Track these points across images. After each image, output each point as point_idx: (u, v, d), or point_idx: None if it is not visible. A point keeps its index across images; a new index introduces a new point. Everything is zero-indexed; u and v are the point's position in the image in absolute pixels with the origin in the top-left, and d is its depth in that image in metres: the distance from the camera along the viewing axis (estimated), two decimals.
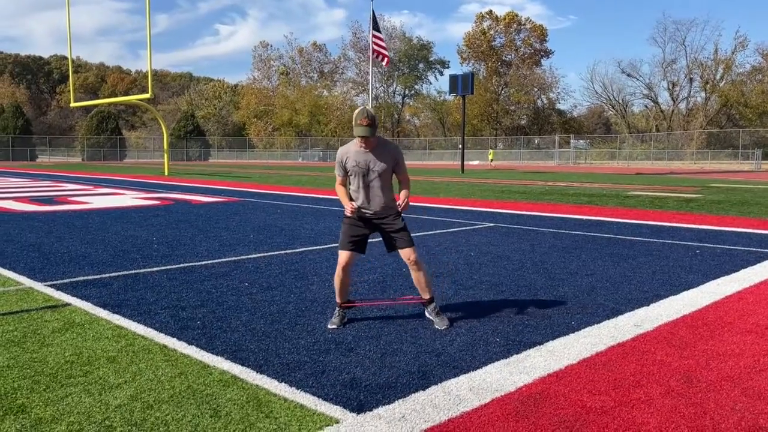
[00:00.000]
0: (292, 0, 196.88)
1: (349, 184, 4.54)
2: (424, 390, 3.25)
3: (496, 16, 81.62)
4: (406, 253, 4.43)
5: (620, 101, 79.86)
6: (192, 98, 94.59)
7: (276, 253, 7.41)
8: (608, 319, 4.62)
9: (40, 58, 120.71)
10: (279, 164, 60.48)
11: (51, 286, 5.57)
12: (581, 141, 69.69)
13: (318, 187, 20.38)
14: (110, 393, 3.17)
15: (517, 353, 3.84)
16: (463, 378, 3.42)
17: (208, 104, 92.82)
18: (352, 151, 4.40)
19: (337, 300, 4.53)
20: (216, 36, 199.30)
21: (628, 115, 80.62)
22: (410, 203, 4.36)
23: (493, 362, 3.68)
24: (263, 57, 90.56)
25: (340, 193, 4.54)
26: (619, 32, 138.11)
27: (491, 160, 54.93)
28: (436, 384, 3.33)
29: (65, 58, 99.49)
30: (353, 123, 4.24)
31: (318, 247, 7.88)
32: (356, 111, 4.28)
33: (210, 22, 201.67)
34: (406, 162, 5.57)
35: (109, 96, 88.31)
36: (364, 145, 4.31)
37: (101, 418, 2.88)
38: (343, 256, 4.43)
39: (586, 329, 4.36)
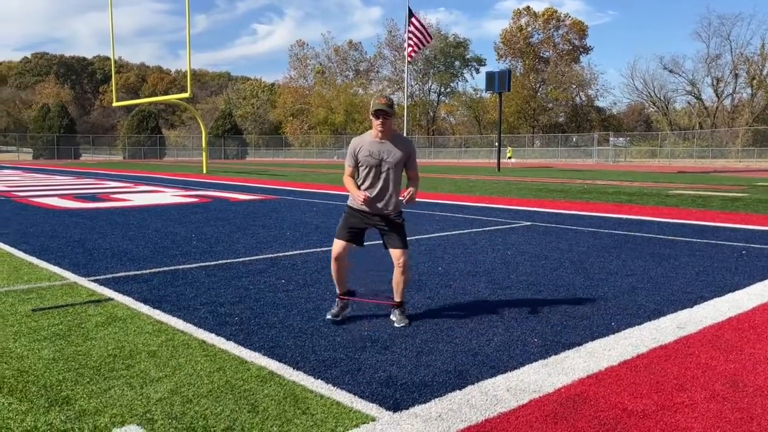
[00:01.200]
0: None
1: (357, 177, 4.48)
2: (460, 389, 3.22)
3: (534, 12, 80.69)
4: (396, 254, 4.38)
5: (662, 98, 78.00)
6: (230, 97, 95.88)
7: (312, 250, 7.45)
8: (650, 320, 4.52)
9: (84, 58, 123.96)
10: (314, 162, 60.91)
11: (94, 281, 5.70)
12: (621, 139, 68.42)
13: None
14: (151, 386, 3.22)
15: (556, 354, 3.78)
16: (500, 378, 3.38)
17: (245, 103, 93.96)
18: (366, 141, 4.35)
19: (337, 291, 4.55)
20: (253, 35, 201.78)
21: (669, 112, 78.72)
22: (416, 199, 4.32)
23: (531, 363, 3.63)
24: (299, 56, 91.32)
25: (349, 184, 4.43)
26: (660, 28, 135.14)
27: (509, 158, 54.70)
28: (473, 383, 3.30)
29: (108, 58, 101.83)
30: (371, 106, 4.24)
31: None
32: (374, 96, 4.31)
33: (248, 21, 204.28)
34: (441, 160, 5.53)
35: (150, 95, 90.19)
36: (381, 127, 4.23)
37: (143, 411, 2.94)
38: (337, 245, 4.43)
39: (627, 330, 4.27)
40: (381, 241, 4.51)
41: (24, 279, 5.78)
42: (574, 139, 72.00)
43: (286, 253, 7.21)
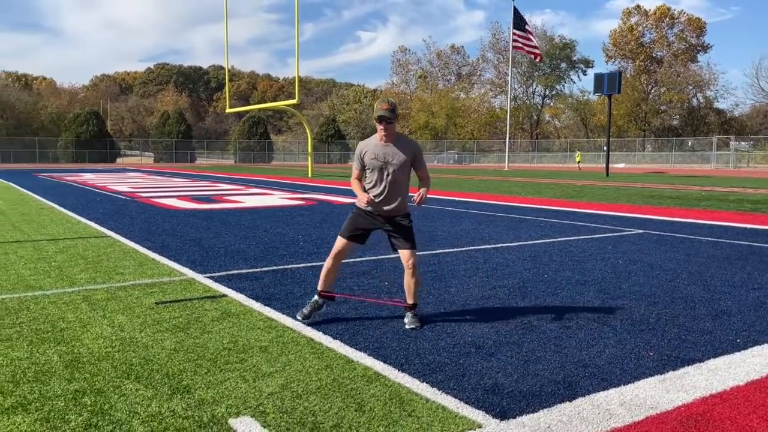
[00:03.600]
0: (432, 4, 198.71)
1: (365, 179, 4.48)
2: (570, 401, 3.11)
3: (646, 10, 76.85)
4: (405, 255, 4.36)
5: None
6: (334, 103, 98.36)
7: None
8: None
9: (200, 68, 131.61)
10: None
11: (210, 277, 6.02)
12: (743, 143, 63.60)
13: (454, 190, 20.34)
14: (263, 381, 3.35)
15: (674, 370, 3.57)
16: (613, 392, 3.24)
17: (348, 108, 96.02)
18: (371, 144, 4.41)
19: (318, 287, 4.50)
20: (358, 42, 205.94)
21: None
22: (427, 197, 4.32)
23: (647, 377, 3.45)
24: (402, 61, 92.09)
25: (355, 186, 4.51)
26: None
27: (578, 162, 52.70)
28: (584, 396, 3.18)
29: (222, 67, 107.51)
30: (374, 111, 4.29)
31: (455, 249, 7.85)
32: (378, 100, 4.31)
33: (352, 29, 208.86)
34: (545, 164, 5.38)
35: (259, 102, 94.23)
36: (384, 132, 4.28)
37: (255, 403, 3.06)
38: (339, 242, 4.45)
39: (755, 348, 3.95)
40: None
41: (148, 274, 6.20)
42: (690, 143, 67.78)
43: (389, 256, 7.27)
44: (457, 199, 16.17)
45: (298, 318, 4.45)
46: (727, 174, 41.00)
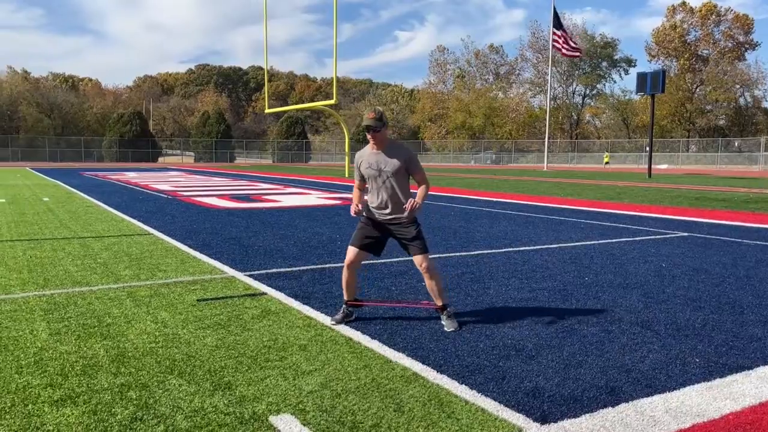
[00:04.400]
0: (470, 3, 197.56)
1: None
2: (613, 407, 3.05)
3: (691, 7, 74.95)
4: (418, 260, 4.36)
5: None
6: (371, 103, 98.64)
7: (451, 255, 7.45)
8: None
9: (239, 68, 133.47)
10: (452, 167, 60.92)
11: (250, 276, 6.10)
12: None
13: (492, 190, 20.18)
14: (303, 379, 3.38)
15: (721, 377, 3.47)
16: (657, 398, 3.16)
17: (385, 109, 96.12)
18: (366, 153, 4.46)
19: (344, 297, 4.53)
20: (395, 42, 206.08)
21: None
22: (421, 204, 4.31)
23: (692, 384, 3.36)
24: (439, 61, 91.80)
25: (354, 195, 4.61)
26: None
27: (606, 163, 52.80)
28: (627, 402, 3.12)
29: (261, 68, 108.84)
30: (362, 120, 4.34)
31: (493, 250, 7.79)
32: (366, 109, 4.35)
33: (390, 29, 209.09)
34: (584, 165, 5.28)
35: (297, 102, 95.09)
36: (373, 141, 4.33)
37: (295, 401, 3.08)
38: (350, 253, 4.47)
39: None
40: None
41: (189, 271, 6.32)
42: (737, 144, 65.85)
43: None
44: (494, 199, 16.03)
45: (332, 323, 4.47)
46: None
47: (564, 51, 44.18)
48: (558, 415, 2.95)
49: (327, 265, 6.68)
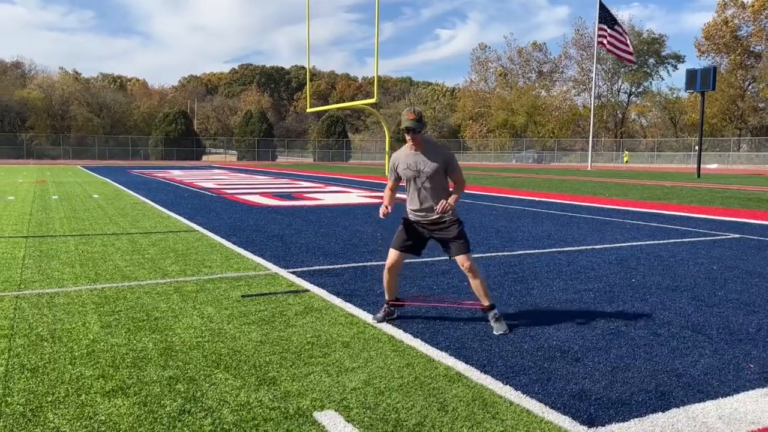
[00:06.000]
0: (513, 0, 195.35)
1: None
2: (663, 412, 2.98)
3: (743, 2, 72.43)
4: (460, 260, 4.28)
5: None
6: (411, 102, 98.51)
7: (493, 254, 7.38)
8: None
9: (282, 68, 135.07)
10: (493, 166, 60.40)
11: (293, 273, 6.17)
12: None
13: (534, 189, 19.92)
14: (346, 376, 3.39)
15: None
16: (710, 404, 3.07)
17: (426, 107, 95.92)
18: (403, 154, 4.40)
19: (385, 297, 4.51)
20: (436, 41, 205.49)
21: None
22: (455, 205, 4.30)
23: (747, 390, 3.25)
24: (481, 59, 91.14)
25: (385, 196, 4.59)
26: None
27: (626, 162, 52.69)
28: (678, 407, 3.03)
29: (303, 68, 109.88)
30: (401, 120, 4.27)
31: (536, 250, 7.68)
32: (404, 109, 4.27)
33: (431, 27, 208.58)
34: (630, 165, 5.14)
35: (338, 101, 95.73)
36: (412, 143, 4.27)
37: (339, 398, 3.10)
38: (390, 255, 4.45)
39: None
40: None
41: (234, 268, 6.42)
42: None
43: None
44: (537, 199, 15.82)
45: (374, 321, 4.47)
46: None
47: (615, 51, 43.09)
48: (605, 419, 2.89)
49: (369, 263, 6.70)
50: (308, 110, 41.62)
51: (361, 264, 6.67)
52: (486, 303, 4.37)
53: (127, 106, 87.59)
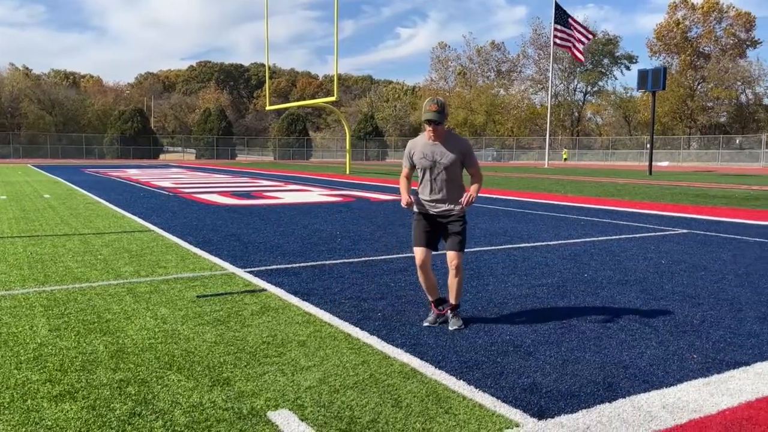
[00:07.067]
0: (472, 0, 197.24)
1: (418, 180, 4.42)
2: (610, 402, 3.06)
3: (693, 4, 74.71)
4: (450, 256, 4.28)
5: None
6: (372, 100, 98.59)
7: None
8: None
9: (241, 65, 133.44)
10: None
11: (250, 272, 6.12)
12: None
13: (493, 187, 20.18)
14: (301, 374, 3.39)
15: (719, 373, 3.48)
16: (654, 394, 3.17)
17: (387, 106, 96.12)
18: (419, 143, 4.35)
19: (429, 298, 4.47)
20: (397, 39, 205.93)
21: None
22: (476, 197, 4.26)
23: (690, 380, 3.37)
24: (441, 58, 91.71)
25: (402, 185, 4.46)
26: None
27: (565, 159, 54.59)
28: (624, 397, 3.13)
29: (263, 65, 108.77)
30: (423, 111, 4.21)
31: (493, 247, 7.79)
32: (426, 100, 4.22)
33: (392, 26, 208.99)
34: (586, 162, 5.27)
35: (298, 99, 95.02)
36: (432, 133, 4.22)
37: (294, 397, 3.10)
38: (418, 253, 4.35)
39: None
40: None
41: (189, 268, 6.33)
42: (738, 141, 65.78)
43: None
44: (495, 196, 16.04)
45: (425, 325, 4.37)
46: None
47: (570, 45, 43.83)
48: (555, 411, 2.96)
49: (327, 262, 6.69)
50: (268, 108, 41.23)
51: (319, 263, 6.66)
52: (454, 302, 4.39)
53: (81, 104, 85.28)
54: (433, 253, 4.43)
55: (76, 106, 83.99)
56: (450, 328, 4.31)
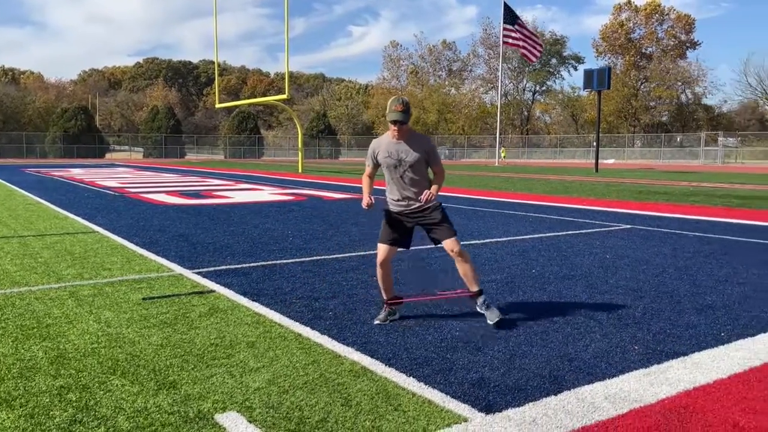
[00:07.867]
0: None
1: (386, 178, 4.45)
2: (555, 395, 3.13)
3: (636, 6, 77.11)
4: (448, 245, 4.29)
5: None
6: (324, 98, 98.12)
7: (401, 249, 7.47)
8: (764, 332, 4.21)
9: (190, 62, 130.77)
10: None
11: (198, 273, 6.00)
12: (731, 139, 64.13)
13: (444, 186, 20.36)
14: (250, 376, 3.35)
15: (658, 363, 3.60)
16: (598, 385, 3.26)
17: (339, 104, 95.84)
18: (384, 142, 4.38)
19: (383, 297, 4.45)
20: (349, 37, 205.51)
21: None
22: (437, 195, 4.36)
23: (631, 371, 3.47)
24: (393, 57, 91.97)
25: (364, 184, 4.50)
26: None
27: (504, 157, 56.76)
28: (569, 390, 3.20)
29: (212, 62, 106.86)
30: (387, 110, 4.23)
31: None
32: (391, 99, 4.25)
33: (344, 24, 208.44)
34: (535, 160, 5.38)
35: (249, 97, 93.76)
36: (396, 133, 4.25)
37: (242, 399, 3.06)
38: (380, 250, 4.39)
39: (739, 342, 4.00)
40: (430, 241, 4.47)
41: (135, 269, 6.17)
42: (679, 139, 68.26)
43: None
44: (446, 194, 16.19)
45: (376, 323, 4.35)
46: (715, 170, 41.32)
47: (520, 44, 44.54)
48: (502, 405, 3.01)
49: (278, 262, 6.63)
50: (218, 106, 40.54)
51: (270, 262, 6.59)
52: (474, 288, 4.35)
53: (21, 101, 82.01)
54: (435, 247, 4.40)
55: (16, 103, 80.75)
56: (488, 322, 4.25)
